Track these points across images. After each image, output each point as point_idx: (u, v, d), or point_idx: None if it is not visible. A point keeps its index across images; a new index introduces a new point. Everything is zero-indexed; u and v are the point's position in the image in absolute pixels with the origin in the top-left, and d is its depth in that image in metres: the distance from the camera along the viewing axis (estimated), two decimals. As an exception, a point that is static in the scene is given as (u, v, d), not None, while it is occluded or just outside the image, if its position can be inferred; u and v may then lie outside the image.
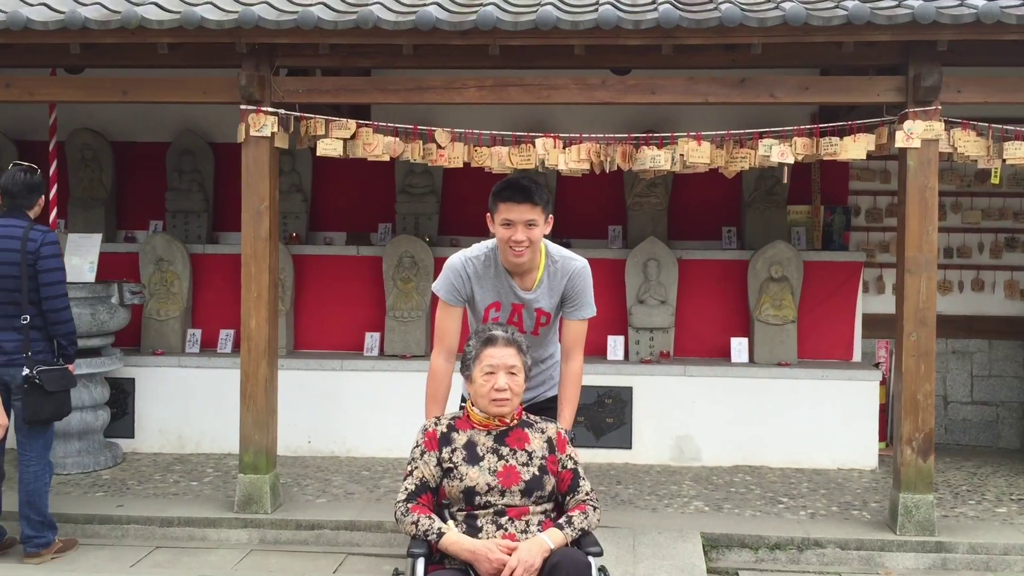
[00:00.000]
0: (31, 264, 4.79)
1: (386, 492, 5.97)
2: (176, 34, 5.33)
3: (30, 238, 4.81)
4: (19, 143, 7.78)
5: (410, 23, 5.19)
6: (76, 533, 5.28)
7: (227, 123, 7.24)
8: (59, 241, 4.98)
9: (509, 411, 3.17)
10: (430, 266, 7.22)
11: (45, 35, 5.33)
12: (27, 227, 4.86)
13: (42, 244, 4.82)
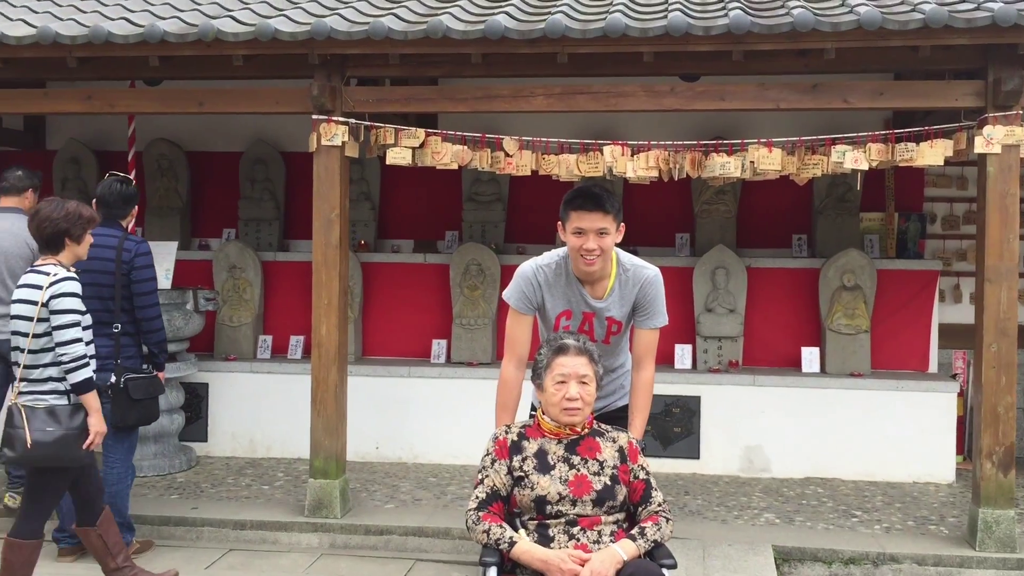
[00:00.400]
0: (125, 274, 4.93)
1: (453, 499, 5.99)
2: (251, 46, 5.44)
3: (125, 248, 4.95)
4: (99, 154, 8.00)
5: (479, 32, 5.22)
6: (152, 535, 5.40)
7: (298, 133, 7.39)
8: (151, 251, 5.09)
9: (580, 420, 3.15)
10: (496, 274, 7.24)
11: (125, 48, 5.48)
12: (121, 237, 5.00)
13: (136, 255, 4.96)
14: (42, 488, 4.20)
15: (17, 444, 4.03)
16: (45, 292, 4.07)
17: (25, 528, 4.18)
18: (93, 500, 4.38)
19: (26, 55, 5.60)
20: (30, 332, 4.08)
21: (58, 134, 8.19)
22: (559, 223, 3.60)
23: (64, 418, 4.09)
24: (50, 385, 4.12)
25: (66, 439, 4.07)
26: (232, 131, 7.92)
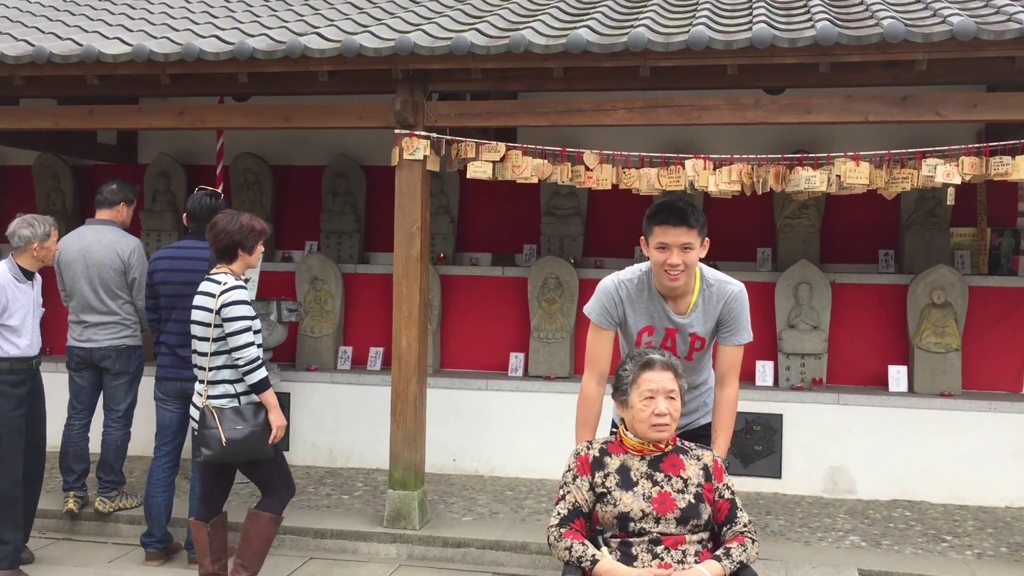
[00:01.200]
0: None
1: (530, 513, 5.98)
2: (336, 62, 5.54)
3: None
4: (188, 167, 8.23)
5: (561, 46, 5.23)
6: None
7: (379, 147, 7.50)
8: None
9: (668, 436, 3.11)
10: (575, 288, 7.22)
11: (216, 65, 5.63)
12: (212, 251, 5.12)
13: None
14: (268, 472, 4.50)
15: (213, 443, 4.30)
16: (217, 300, 4.32)
17: (278, 504, 4.56)
18: (212, 498, 4.59)
19: (122, 72, 5.79)
20: (209, 337, 4.33)
21: (149, 148, 8.44)
22: (642, 237, 3.57)
23: (250, 416, 4.36)
24: (222, 388, 4.36)
25: (254, 435, 4.35)
26: (315, 145, 8.07)
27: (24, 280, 4.98)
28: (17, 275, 4.95)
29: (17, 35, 6.29)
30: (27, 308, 4.97)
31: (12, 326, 4.88)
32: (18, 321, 4.90)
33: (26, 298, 4.98)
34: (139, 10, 7.25)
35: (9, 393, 4.88)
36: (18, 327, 4.91)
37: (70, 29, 6.50)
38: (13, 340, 4.89)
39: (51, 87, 6.32)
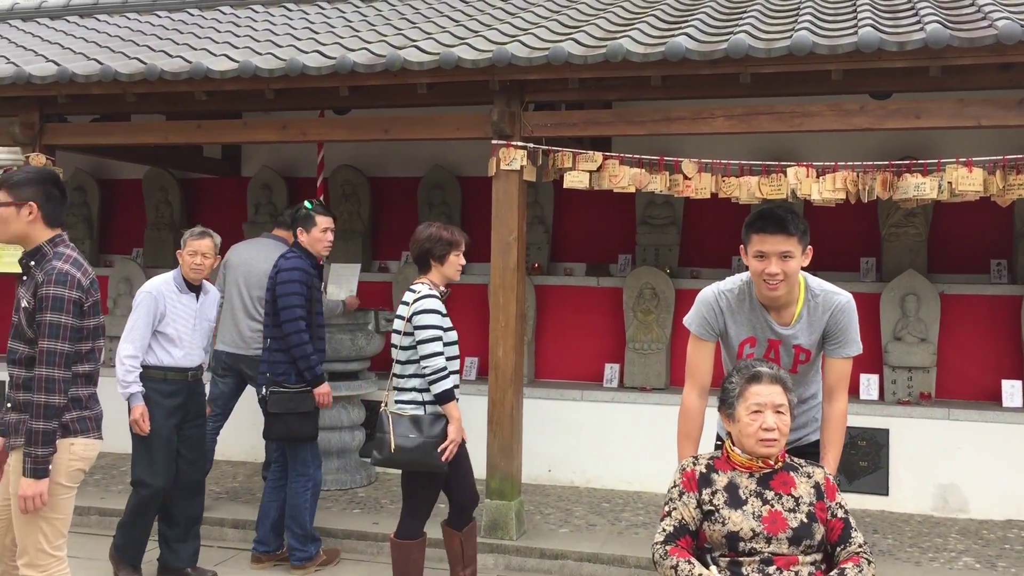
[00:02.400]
0: (271, 289, 5.24)
1: (628, 526, 5.91)
2: (434, 74, 5.59)
3: (276, 265, 5.31)
4: (288, 180, 8.42)
5: (659, 55, 5.18)
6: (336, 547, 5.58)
7: (474, 158, 7.56)
8: (299, 267, 5.25)
9: (776, 452, 3.02)
10: (671, 298, 7.13)
11: (318, 79, 5.75)
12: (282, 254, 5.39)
13: (280, 270, 5.24)
14: (412, 490, 4.47)
15: (383, 447, 4.35)
16: (410, 308, 4.38)
17: (404, 529, 4.46)
18: (464, 507, 4.56)
19: (228, 88, 5.96)
20: (400, 344, 4.40)
21: (252, 161, 8.67)
22: (741, 246, 3.48)
23: (425, 427, 4.34)
24: (410, 395, 4.40)
25: (425, 446, 4.30)
26: (411, 157, 8.17)
27: (186, 291, 4.98)
28: (180, 286, 4.97)
29: (129, 53, 6.54)
30: (186, 319, 4.96)
31: (168, 335, 4.89)
32: (174, 331, 4.91)
33: (186, 309, 4.96)
34: (244, 27, 7.46)
35: (161, 402, 4.87)
36: (174, 337, 4.90)
37: (179, 47, 6.73)
38: (168, 349, 4.90)
39: (161, 103, 6.54)
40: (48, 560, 3.55)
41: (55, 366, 3.42)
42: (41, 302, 3.42)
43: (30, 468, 3.40)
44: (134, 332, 4.85)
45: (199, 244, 4.99)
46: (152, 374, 4.88)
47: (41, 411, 3.40)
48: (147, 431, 4.81)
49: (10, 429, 3.54)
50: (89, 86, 6.12)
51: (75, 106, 6.61)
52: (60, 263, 3.47)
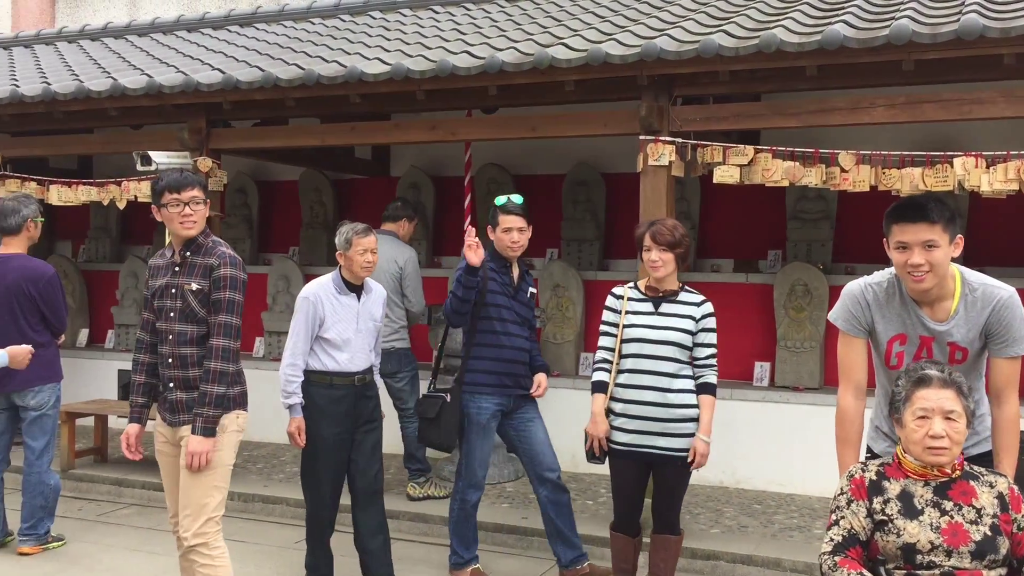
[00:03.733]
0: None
1: (781, 529, 5.76)
2: (582, 71, 5.60)
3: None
4: (435, 179, 8.59)
5: (815, 44, 5.02)
6: (486, 540, 5.66)
7: (618, 154, 7.52)
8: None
9: (948, 461, 2.84)
10: (824, 295, 6.91)
11: (467, 79, 5.84)
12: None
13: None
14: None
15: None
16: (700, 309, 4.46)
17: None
18: (661, 513, 4.53)
19: (382, 90, 6.13)
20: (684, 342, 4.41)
21: (400, 161, 8.88)
22: (884, 239, 3.29)
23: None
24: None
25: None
26: (556, 154, 8.19)
27: (347, 292, 4.76)
28: (340, 287, 4.76)
29: (288, 60, 6.81)
30: (349, 321, 4.72)
31: (330, 339, 4.67)
32: (337, 334, 4.68)
33: (347, 311, 4.73)
34: (394, 31, 7.66)
35: (327, 409, 4.65)
36: (337, 341, 4.68)
37: (334, 52, 6.97)
38: (332, 354, 4.68)
39: (317, 107, 6.79)
40: (213, 528, 3.89)
41: (232, 338, 3.85)
42: (218, 282, 3.85)
43: (200, 427, 3.79)
44: (293, 339, 4.68)
45: (367, 241, 4.76)
46: (317, 379, 4.67)
47: (218, 376, 3.81)
48: (302, 445, 4.66)
49: (178, 407, 3.85)
50: (252, 92, 6.41)
51: (238, 111, 6.93)
52: (226, 249, 3.95)
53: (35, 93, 6.94)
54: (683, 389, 4.34)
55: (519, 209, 4.95)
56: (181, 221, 3.87)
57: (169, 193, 3.87)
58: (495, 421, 4.97)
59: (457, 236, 8.06)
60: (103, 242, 9.85)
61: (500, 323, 4.93)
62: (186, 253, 3.93)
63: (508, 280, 5.00)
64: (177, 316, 3.88)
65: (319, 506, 4.75)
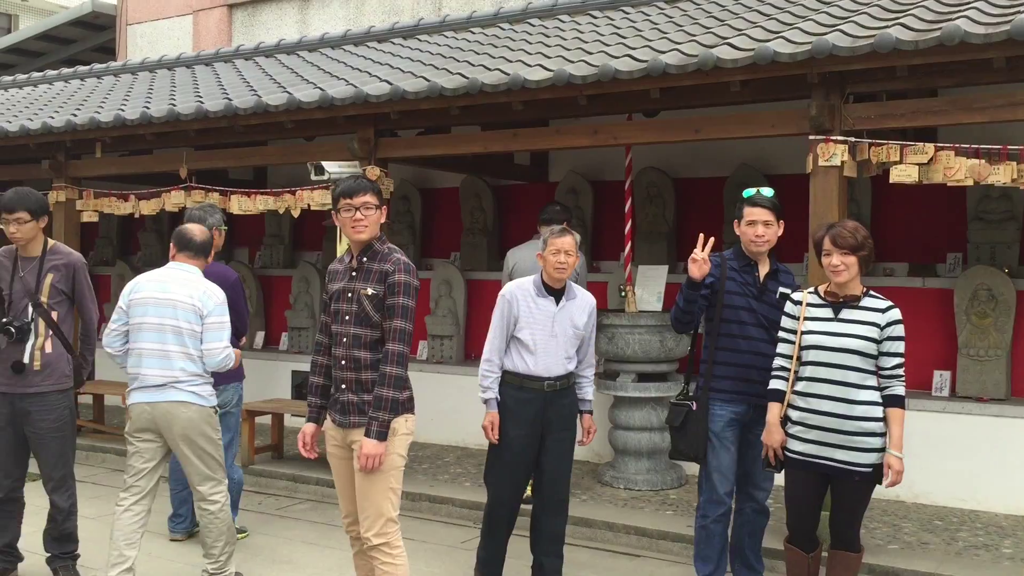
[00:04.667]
0: None
1: (966, 547, 5.45)
2: (748, 71, 5.47)
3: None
4: (594, 184, 8.59)
5: (1003, 34, 4.73)
6: (650, 547, 5.61)
7: (782, 155, 7.32)
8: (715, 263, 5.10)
9: None
10: (1011, 301, 6.50)
11: (630, 83, 5.81)
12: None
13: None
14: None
15: None
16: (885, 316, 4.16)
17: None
18: (839, 528, 4.31)
19: (543, 96, 6.18)
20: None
21: (559, 167, 8.93)
22: None
23: None
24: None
25: None
26: (717, 156, 8.04)
27: (545, 295, 4.66)
28: (539, 289, 4.67)
29: (452, 69, 6.96)
30: (543, 325, 4.63)
31: (522, 340, 4.62)
32: (529, 336, 4.61)
33: (542, 314, 4.64)
34: (553, 37, 7.71)
35: (515, 410, 4.62)
36: (529, 343, 4.61)
37: (495, 60, 7.07)
38: (524, 356, 4.63)
39: (479, 115, 6.90)
40: (393, 527, 4.00)
41: (406, 343, 3.95)
42: (393, 287, 3.96)
43: (376, 431, 3.89)
44: (490, 335, 4.70)
45: (560, 241, 4.60)
46: (509, 380, 4.66)
47: (393, 381, 3.91)
48: (494, 440, 4.65)
49: (349, 409, 3.97)
50: (418, 102, 6.58)
51: (404, 121, 7.14)
52: (401, 256, 4.03)
53: (218, 108, 7.35)
54: (868, 401, 4.07)
55: (767, 202, 4.61)
56: (353, 225, 3.98)
57: (343, 199, 4.00)
58: (731, 430, 4.60)
59: (616, 241, 8.03)
60: (277, 249, 10.34)
61: (738, 326, 4.59)
62: (363, 258, 4.03)
63: (751, 279, 4.63)
64: (352, 319, 3.98)
65: (497, 503, 4.75)
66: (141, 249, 11.28)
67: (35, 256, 4.97)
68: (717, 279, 4.61)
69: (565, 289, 4.73)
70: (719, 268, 4.64)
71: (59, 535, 5.06)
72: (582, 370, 4.86)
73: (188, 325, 4.67)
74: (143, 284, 4.77)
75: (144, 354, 4.67)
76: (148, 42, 13.81)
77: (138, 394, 4.70)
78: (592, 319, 4.83)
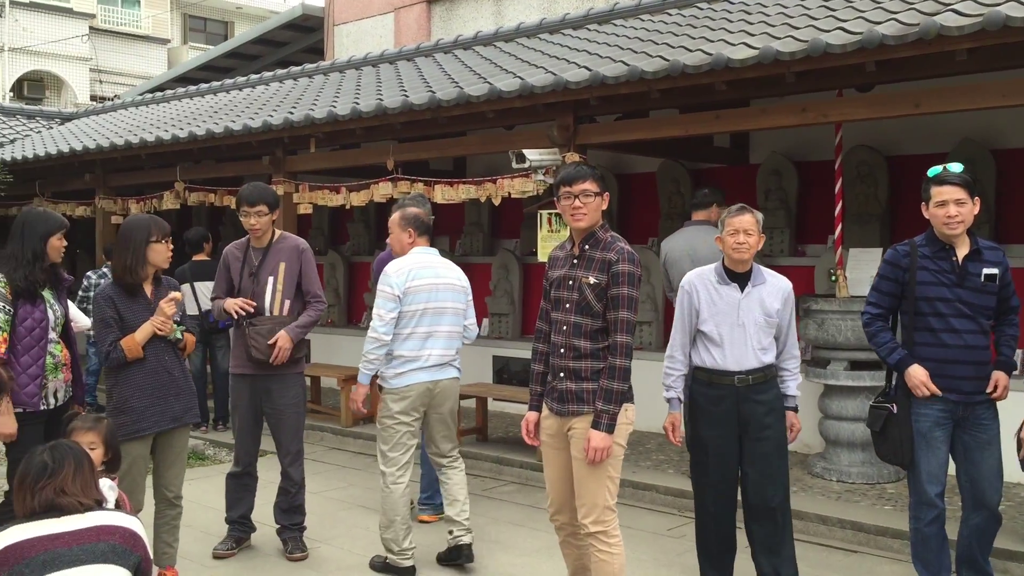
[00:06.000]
0: None
1: None
2: (976, 38, 5.10)
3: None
4: (799, 164, 8.27)
5: None
6: (868, 544, 5.37)
7: (1013, 127, 6.78)
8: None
9: None
10: None
11: (842, 57, 5.55)
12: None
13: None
14: None
15: None
16: None
17: None
18: None
19: (748, 75, 6.00)
20: None
21: (760, 148, 8.65)
22: None
23: None
24: None
25: None
26: (935, 132, 7.55)
27: (727, 282, 4.35)
28: (721, 277, 4.38)
29: (651, 52, 6.87)
30: (727, 314, 4.31)
31: (707, 333, 4.33)
32: (713, 328, 4.31)
33: (726, 303, 4.31)
34: (755, 14, 7.46)
35: (706, 409, 4.35)
36: (713, 335, 4.31)
37: (695, 41, 6.93)
38: (710, 349, 4.33)
39: (679, 97, 6.78)
40: (611, 516, 3.98)
41: (630, 334, 3.91)
42: (617, 277, 3.92)
43: (605, 424, 3.88)
44: (672, 331, 4.47)
45: (739, 221, 4.27)
46: (698, 376, 4.39)
47: (620, 373, 3.90)
48: (676, 442, 4.40)
49: (567, 397, 3.98)
50: (617, 86, 6.54)
51: (603, 107, 7.12)
52: (625, 244, 4.00)
53: (422, 101, 7.58)
54: None
55: (957, 178, 4.23)
56: (572, 213, 3.96)
57: (563, 186, 3.99)
58: (940, 430, 4.25)
59: (823, 223, 7.71)
60: (476, 237, 10.59)
61: (937, 318, 4.24)
62: (584, 246, 3.99)
63: (948, 266, 4.26)
64: (573, 308, 3.96)
65: (702, 513, 4.44)
66: (350, 239, 11.85)
67: (265, 246, 5.31)
68: (906, 270, 4.31)
69: (751, 274, 4.36)
70: (908, 258, 4.33)
71: (289, 507, 5.39)
72: (784, 362, 4.44)
73: (460, 305, 5.18)
74: (417, 271, 5.02)
75: (427, 336, 5.00)
76: (353, 41, 14.45)
77: (419, 374, 5.01)
78: (789, 305, 4.42)
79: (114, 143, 10.27)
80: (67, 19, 28.45)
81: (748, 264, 4.35)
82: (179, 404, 4.67)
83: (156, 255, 4.60)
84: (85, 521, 2.98)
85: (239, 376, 5.31)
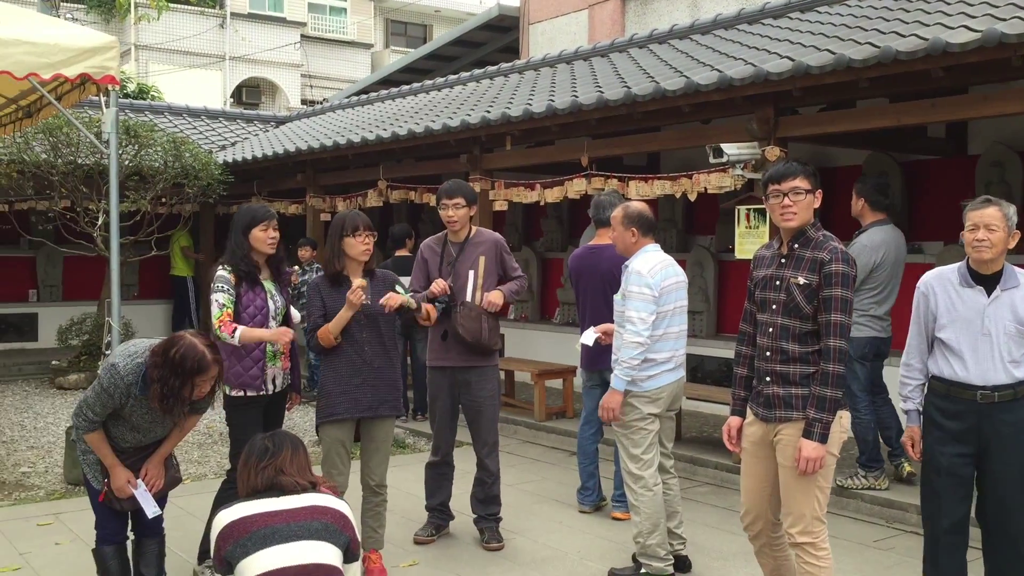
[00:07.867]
0: None
1: None
2: None
3: None
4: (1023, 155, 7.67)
5: None
6: None
7: None
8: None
9: None
10: None
11: (1079, 38, 5.09)
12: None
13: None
14: None
15: None
16: None
17: None
18: None
19: (969, 60, 5.61)
20: None
21: (980, 138, 8.08)
22: None
23: None
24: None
25: None
26: None
27: (971, 284, 3.92)
28: (964, 278, 3.94)
29: (859, 40, 6.55)
30: (969, 320, 3.88)
31: (944, 341, 3.93)
32: (952, 335, 3.90)
33: (969, 309, 3.89)
34: (977, -6, 6.96)
35: (939, 422, 3.94)
36: (952, 343, 3.91)
37: (909, 26, 6.54)
38: (949, 359, 3.93)
39: (889, 86, 6.42)
40: (820, 527, 3.81)
41: (845, 338, 3.71)
42: (829, 278, 3.71)
43: (819, 433, 3.70)
44: (909, 333, 4.11)
45: (980, 215, 3.82)
46: (934, 387, 4.00)
47: (835, 380, 3.70)
48: (914, 456, 4.11)
49: (774, 402, 3.81)
50: (822, 76, 6.27)
51: (806, 97, 6.85)
52: (837, 244, 3.81)
53: (617, 97, 7.55)
54: None
55: None
56: (781, 212, 3.76)
57: (771, 184, 3.82)
58: None
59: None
60: (670, 233, 10.45)
61: None
62: (794, 245, 3.81)
63: None
64: (780, 309, 3.79)
65: (932, 540, 4.00)
66: (544, 235, 11.98)
67: (462, 241, 5.45)
68: None
69: (1002, 275, 3.88)
70: None
71: (485, 497, 5.52)
72: None
73: (687, 303, 5.11)
74: (669, 271, 5.03)
75: (677, 336, 5.00)
76: (547, 39, 14.59)
77: (670, 375, 4.97)
78: None
79: (323, 144, 10.84)
80: (281, 28, 30.35)
81: (997, 264, 3.88)
82: (372, 395, 4.82)
83: (351, 248, 4.80)
84: (301, 501, 3.18)
85: (437, 369, 5.46)
